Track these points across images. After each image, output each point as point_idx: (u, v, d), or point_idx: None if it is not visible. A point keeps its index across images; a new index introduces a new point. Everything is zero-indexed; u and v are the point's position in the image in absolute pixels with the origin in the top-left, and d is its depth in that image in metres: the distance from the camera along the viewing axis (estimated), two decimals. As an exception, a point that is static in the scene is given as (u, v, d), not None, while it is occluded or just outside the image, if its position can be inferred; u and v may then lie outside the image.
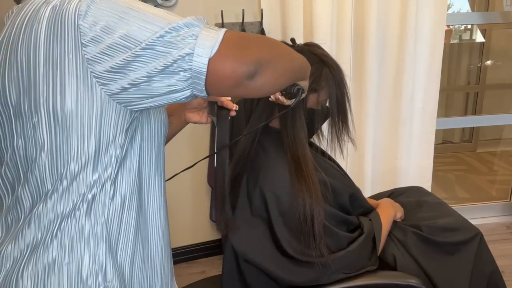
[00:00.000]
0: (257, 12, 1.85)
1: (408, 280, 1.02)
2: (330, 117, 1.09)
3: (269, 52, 0.61)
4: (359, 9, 1.83)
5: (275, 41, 0.68)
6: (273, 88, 0.65)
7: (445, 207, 1.32)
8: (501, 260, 1.33)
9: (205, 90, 0.56)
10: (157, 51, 0.54)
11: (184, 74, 0.54)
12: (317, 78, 1.01)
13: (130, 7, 0.56)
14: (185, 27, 0.54)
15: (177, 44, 0.54)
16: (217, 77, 0.55)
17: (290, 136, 1.01)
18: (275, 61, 0.62)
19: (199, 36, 0.54)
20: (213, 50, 0.54)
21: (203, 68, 0.54)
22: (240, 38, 0.59)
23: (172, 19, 0.55)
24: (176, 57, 0.53)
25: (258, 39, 0.64)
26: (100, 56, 0.55)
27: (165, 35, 0.54)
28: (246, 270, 1.02)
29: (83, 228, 0.61)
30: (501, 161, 3.58)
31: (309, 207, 0.96)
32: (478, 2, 3.39)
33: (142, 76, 0.55)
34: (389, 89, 1.97)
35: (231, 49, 0.55)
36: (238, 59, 0.55)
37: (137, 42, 0.53)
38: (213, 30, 0.56)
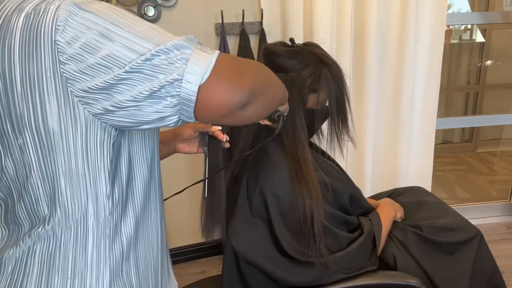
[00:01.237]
0: (257, 12, 1.85)
1: (408, 280, 1.02)
2: (330, 117, 1.09)
3: (261, 81, 0.58)
4: (359, 9, 1.83)
5: (265, 68, 0.65)
6: (261, 116, 0.63)
7: (445, 207, 1.32)
8: (501, 260, 1.33)
9: (194, 116, 0.53)
10: (144, 74, 0.50)
11: (172, 100, 0.51)
12: (316, 78, 1.01)
13: (115, 24, 0.51)
14: (174, 50, 0.51)
15: (165, 68, 0.50)
16: (207, 105, 0.51)
17: (290, 136, 1.01)
18: (266, 90, 0.59)
19: (189, 60, 0.50)
20: (204, 77, 0.50)
21: (193, 96, 0.50)
22: (233, 63, 0.55)
23: (161, 39, 0.51)
24: (164, 83, 0.50)
25: (251, 65, 0.60)
26: (80, 75, 0.51)
27: (152, 58, 0.50)
28: (246, 270, 1.02)
29: (86, 244, 0.60)
30: (501, 161, 3.58)
31: (309, 208, 0.96)
32: (478, 2, 3.39)
33: (126, 100, 0.51)
34: (389, 89, 1.97)
35: (224, 76, 0.52)
36: (231, 88, 0.52)
37: (121, 63, 0.50)
38: (205, 53, 0.52)
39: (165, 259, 0.77)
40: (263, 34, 1.81)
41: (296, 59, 1.01)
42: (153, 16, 1.78)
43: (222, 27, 1.79)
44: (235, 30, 1.83)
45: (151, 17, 1.78)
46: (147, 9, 1.77)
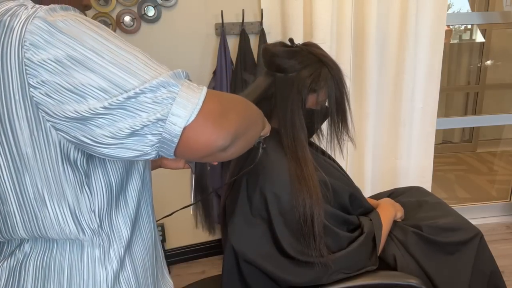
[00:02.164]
0: (257, 12, 1.85)
1: (408, 280, 1.02)
2: (330, 117, 1.09)
3: (244, 121, 0.56)
4: (359, 9, 1.83)
5: (247, 103, 0.63)
6: (240, 154, 0.61)
7: (445, 207, 1.32)
8: (501, 260, 1.33)
9: (174, 154, 0.51)
10: (126, 111, 0.47)
11: (152, 139, 0.49)
12: (316, 78, 1.01)
13: (95, 52, 0.47)
14: (161, 88, 0.47)
15: (149, 107, 0.47)
16: (190, 146, 0.49)
17: (289, 136, 1.01)
18: (247, 130, 0.58)
19: (175, 100, 0.47)
20: (190, 119, 0.48)
21: (175, 138, 0.48)
22: (220, 103, 0.52)
23: (147, 74, 0.48)
24: (146, 122, 0.47)
25: (235, 104, 0.57)
26: (51, 101, 0.47)
27: (136, 96, 0.47)
28: (246, 270, 1.02)
29: (81, 255, 0.60)
30: (501, 161, 3.58)
31: (309, 208, 0.96)
32: (478, 2, 3.39)
33: (105, 136, 0.48)
34: (389, 89, 1.97)
35: (210, 118, 0.49)
36: (216, 132, 0.50)
37: (99, 96, 0.46)
38: (192, 92, 0.49)
39: (159, 259, 0.78)
40: (263, 34, 1.81)
41: (295, 59, 1.01)
42: (153, 16, 1.78)
43: (222, 27, 1.79)
44: (235, 30, 1.83)
45: (151, 17, 1.78)
46: (147, 9, 1.77)
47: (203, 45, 1.87)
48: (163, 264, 0.80)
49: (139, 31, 1.79)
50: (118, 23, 1.75)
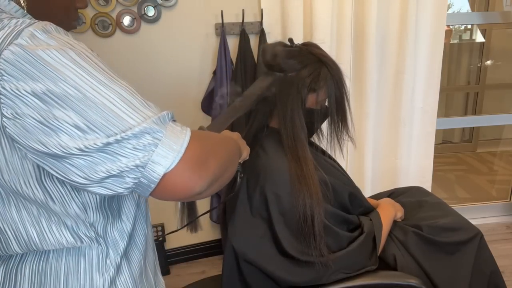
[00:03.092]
0: (257, 12, 1.85)
1: (408, 280, 1.02)
2: (329, 116, 1.09)
3: (223, 165, 0.56)
4: (359, 9, 1.83)
5: (227, 143, 0.64)
6: (218, 190, 0.60)
7: (445, 207, 1.32)
8: (501, 260, 1.33)
9: (149, 195, 0.50)
10: (106, 154, 0.45)
11: (128, 181, 0.47)
12: (315, 77, 1.01)
13: (79, 90, 0.45)
14: (145, 134, 0.46)
15: (130, 153, 0.46)
16: (166, 191, 0.49)
17: (290, 136, 1.01)
18: (226, 172, 0.57)
19: (158, 146, 0.46)
20: (170, 167, 0.47)
21: (153, 184, 0.48)
22: (201, 150, 0.51)
23: (131, 119, 0.46)
24: (124, 168, 0.46)
25: (217, 148, 0.57)
26: (25, 135, 0.45)
27: (118, 142, 0.45)
28: (246, 270, 1.02)
29: (78, 262, 0.60)
30: (501, 161, 3.58)
31: (310, 207, 0.96)
32: (478, 2, 3.39)
33: (78, 176, 0.47)
34: (389, 89, 1.97)
35: (190, 166, 0.48)
36: (194, 179, 0.49)
37: (75, 134, 0.45)
38: (175, 137, 0.48)
39: (155, 260, 0.78)
40: (263, 34, 1.81)
41: (295, 59, 1.01)
42: (153, 16, 1.78)
43: (222, 27, 1.79)
44: (235, 30, 1.83)
45: (151, 17, 1.78)
46: (147, 9, 1.77)
47: (203, 45, 1.87)
48: (156, 265, 0.80)
49: (139, 31, 1.79)
50: (118, 23, 1.75)
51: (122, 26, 1.76)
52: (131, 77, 1.84)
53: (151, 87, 1.87)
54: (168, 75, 1.88)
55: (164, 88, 1.89)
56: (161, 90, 1.88)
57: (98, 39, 1.76)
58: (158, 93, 1.88)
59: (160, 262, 0.83)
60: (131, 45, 1.81)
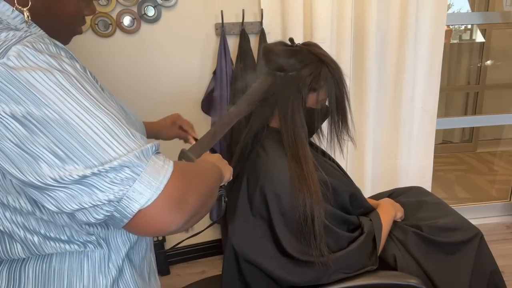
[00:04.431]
0: (257, 12, 1.85)
1: (408, 280, 1.02)
2: (330, 116, 1.09)
3: (203, 200, 0.53)
4: (359, 9, 1.83)
5: (209, 174, 0.61)
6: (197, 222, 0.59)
7: (445, 207, 1.32)
8: (501, 260, 1.33)
9: (121, 228, 0.48)
10: (82, 186, 0.44)
11: (102, 213, 0.46)
12: (316, 77, 1.01)
13: (62, 116, 0.43)
14: (124, 168, 0.44)
15: (107, 187, 0.44)
16: (140, 226, 0.47)
17: (290, 135, 1.01)
18: (205, 206, 0.55)
19: (136, 181, 0.44)
20: (147, 203, 0.45)
21: (125, 219, 0.46)
22: (182, 186, 0.48)
23: (112, 151, 0.44)
24: (97, 202, 0.44)
25: (198, 182, 0.53)
26: (4, 160, 0.45)
27: (96, 175, 0.43)
28: (246, 270, 1.02)
29: (81, 265, 0.60)
30: (501, 161, 3.58)
31: (310, 207, 0.96)
32: (478, 2, 3.39)
33: (51, 204, 0.45)
34: (389, 89, 1.97)
35: (168, 205, 0.46)
36: (171, 218, 0.46)
37: (60, 167, 0.43)
38: (156, 173, 0.45)
39: (153, 260, 0.79)
40: (263, 34, 1.81)
41: (295, 58, 1.01)
42: (153, 16, 1.78)
43: (222, 27, 1.79)
44: (235, 30, 1.83)
45: (151, 17, 1.78)
46: (147, 9, 1.77)
47: (203, 45, 1.87)
48: (154, 266, 0.80)
49: (139, 31, 1.79)
50: (118, 23, 1.75)
51: (122, 26, 1.76)
52: (131, 77, 1.84)
53: (151, 87, 1.87)
54: (168, 75, 1.88)
55: (164, 88, 1.89)
56: (161, 90, 1.88)
57: (98, 39, 1.76)
58: (158, 93, 1.88)
59: (160, 262, 0.83)
60: (131, 45, 1.81)
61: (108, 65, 1.81)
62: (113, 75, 1.83)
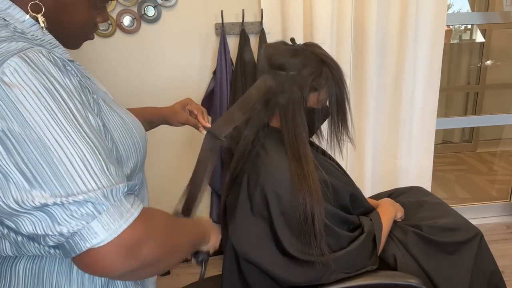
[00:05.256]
0: (257, 12, 1.85)
1: (408, 280, 1.02)
2: (330, 116, 1.09)
3: (161, 254, 0.52)
4: (359, 9, 1.83)
5: (182, 235, 0.61)
6: (151, 276, 0.58)
7: (445, 207, 1.32)
8: (501, 260, 1.33)
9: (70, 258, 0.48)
10: (43, 213, 0.44)
11: (54, 241, 0.45)
12: (316, 77, 1.01)
13: (41, 139, 0.43)
14: (89, 204, 0.44)
15: (64, 219, 0.44)
16: (84, 264, 0.46)
17: (291, 134, 1.01)
18: (161, 261, 0.53)
19: (95, 220, 0.44)
20: (99, 244, 0.44)
21: (73, 253, 0.45)
22: (140, 235, 0.47)
23: (82, 184, 0.44)
24: (50, 232, 0.44)
25: (160, 237, 0.52)
26: None
27: (59, 205, 0.43)
28: (246, 269, 1.02)
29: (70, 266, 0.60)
30: (501, 161, 3.58)
31: (310, 206, 0.96)
32: (478, 2, 3.39)
33: (12, 223, 0.46)
34: (389, 89, 1.97)
35: (119, 250, 0.45)
36: (117, 263, 0.45)
37: (26, 190, 0.43)
38: (117, 215, 0.45)
39: None
40: (263, 34, 1.81)
41: (296, 58, 1.01)
42: (153, 16, 1.78)
43: (222, 27, 1.79)
44: (235, 30, 1.83)
45: (151, 17, 1.78)
46: (147, 9, 1.77)
47: (203, 45, 1.87)
48: None
49: (139, 31, 1.79)
50: (118, 23, 1.75)
51: (122, 26, 1.76)
52: (131, 77, 1.84)
53: (151, 87, 1.87)
54: (168, 75, 1.88)
55: (164, 88, 1.89)
56: (161, 90, 1.88)
57: (98, 39, 1.76)
58: (158, 93, 1.88)
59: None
60: (131, 45, 1.81)
61: (108, 65, 1.81)
62: (113, 75, 1.83)
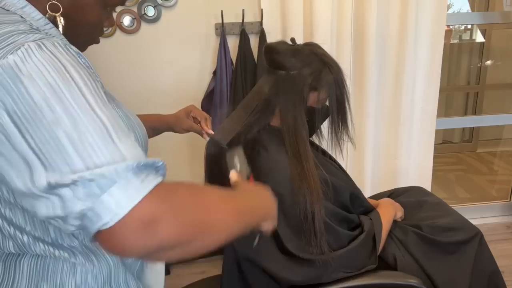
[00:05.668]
0: (257, 12, 1.85)
1: (408, 280, 1.02)
2: (330, 116, 1.09)
3: (184, 234, 0.47)
4: (359, 9, 1.83)
5: (211, 212, 0.53)
6: (193, 256, 0.54)
7: (445, 207, 1.32)
8: (501, 260, 1.33)
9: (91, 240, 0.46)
10: (53, 195, 0.43)
11: (72, 223, 0.44)
12: (317, 76, 1.01)
13: (49, 120, 0.43)
14: (101, 181, 0.42)
15: (77, 198, 0.42)
16: (103, 244, 0.45)
17: (291, 133, 1.01)
18: (191, 243, 0.50)
19: (105, 194, 0.42)
20: (111, 220, 0.42)
21: (92, 231, 0.43)
22: (154, 214, 0.43)
23: (92, 162, 0.43)
24: (66, 213, 0.43)
25: (183, 213, 0.47)
26: None
27: (68, 185, 0.42)
28: (246, 269, 1.02)
29: (74, 266, 0.60)
30: (501, 161, 3.58)
31: (310, 204, 0.96)
32: (478, 2, 3.40)
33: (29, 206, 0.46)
34: (389, 89, 1.97)
35: (132, 228, 0.42)
36: (132, 242, 0.43)
37: (34, 170, 0.43)
38: (129, 189, 0.42)
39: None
40: (263, 34, 1.81)
41: (297, 57, 1.01)
42: (153, 16, 1.78)
43: (222, 27, 1.79)
44: (235, 30, 1.83)
45: (151, 17, 1.78)
46: (147, 9, 1.77)
47: (203, 45, 1.87)
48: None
49: (139, 31, 1.79)
50: (118, 23, 1.75)
51: (122, 26, 1.76)
52: (131, 77, 1.84)
53: (151, 87, 1.87)
54: (168, 75, 1.88)
55: (164, 88, 1.89)
56: (161, 90, 1.88)
57: (98, 39, 1.76)
58: (158, 93, 1.88)
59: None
60: (131, 45, 1.81)
61: (108, 65, 1.81)
62: (113, 75, 1.83)
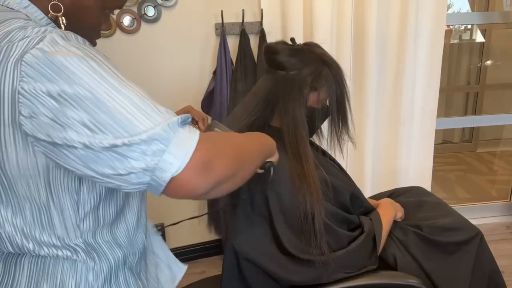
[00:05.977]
0: (257, 12, 1.85)
1: (408, 280, 1.02)
2: (330, 116, 1.09)
3: (233, 166, 0.56)
4: (359, 9, 1.83)
5: (245, 146, 0.64)
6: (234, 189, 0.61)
7: (445, 207, 1.32)
8: (501, 260, 1.33)
9: (160, 194, 0.52)
10: (114, 153, 0.48)
11: (138, 182, 0.50)
12: (317, 76, 1.01)
13: (92, 92, 0.47)
14: (155, 141, 0.48)
15: (139, 157, 0.48)
16: (173, 191, 0.51)
17: (291, 133, 1.01)
18: (236, 175, 0.57)
19: (165, 153, 0.48)
20: (176, 172, 0.49)
21: (161, 187, 0.50)
22: (208, 153, 0.52)
23: (141, 125, 0.48)
24: (132, 170, 0.48)
25: (227, 149, 0.57)
26: (37, 131, 0.48)
27: (127, 145, 0.47)
28: (246, 269, 1.02)
29: (75, 264, 0.61)
30: (501, 161, 3.58)
31: (310, 205, 0.96)
32: (478, 2, 3.39)
33: (90, 171, 0.49)
34: (389, 89, 1.97)
35: (195, 171, 0.50)
36: (198, 182, 0.50)
37: (89, 136, 0.47)
38: (182, 145, 0.49)
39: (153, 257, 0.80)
40: (263, 34, 1.81)
41: (297, 57, 1.01)
42: (153, 16, 1.78)
43: (222, 27, 1.79)
44: (235, 30, 1.83)
45: (151, 17, 1.78)
46: (147, 9, 1.77)
47: (203, 45, 1.87)
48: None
49: (139, 31, 1.79)
50: (118, 23, 1.75)
51: (122, 26, 1.76)
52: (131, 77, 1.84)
53: (151, 87, 1.87)
54: (168, 75, 1.88)
55: (164, 88, 1.89)
56: (161, 90, 1.88)
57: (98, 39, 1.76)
58: (158, 93, 1.88)
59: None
60: (131, 45, 1.81)
61: (108, 65, 1.81)
62: (113, 75, 1.83)
